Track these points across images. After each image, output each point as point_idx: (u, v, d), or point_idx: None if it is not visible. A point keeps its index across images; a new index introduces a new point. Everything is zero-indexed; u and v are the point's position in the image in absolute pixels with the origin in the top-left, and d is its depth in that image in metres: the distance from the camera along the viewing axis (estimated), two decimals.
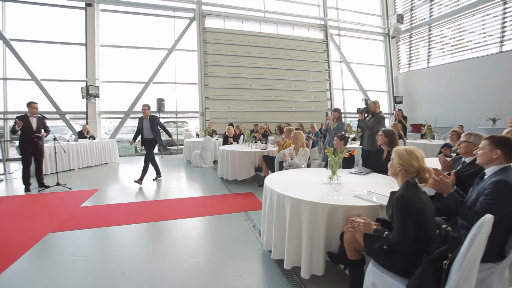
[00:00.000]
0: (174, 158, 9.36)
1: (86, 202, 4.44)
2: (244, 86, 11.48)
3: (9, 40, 9.29)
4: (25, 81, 9.47)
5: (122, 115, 10.59)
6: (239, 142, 7.13)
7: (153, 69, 10.63)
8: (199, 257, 2.69)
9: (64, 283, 2.26)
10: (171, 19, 11.05)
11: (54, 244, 3.00)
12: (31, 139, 5.11)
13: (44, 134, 5.33)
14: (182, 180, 6.25)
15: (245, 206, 4.13)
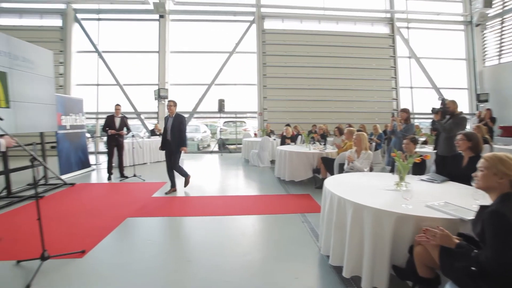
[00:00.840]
0: (233, 157, 9.77)
1: (156, 193, 4.97)
2: (302, 86, 11.34)
3: (101, 52, 10.97)
4: (111, 86, 11.08)
5: (187, 115, 11.50)
6: (297, 142, 7.07)
7: (215, 71, 11.30)
8: (255, 254, 2.76)
9: (137, 263, 2.57)
10: (232, 23, 11.56)
11: (131, 228, 3.42)
12: (114, 135, 6.01)
13: (124, 132, 6.18)
14: (240, 178, 6.48)
15: (302, 207, 4.08)
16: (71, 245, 2.85)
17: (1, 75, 4.25)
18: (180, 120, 4.74)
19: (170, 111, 4.76)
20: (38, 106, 5.04)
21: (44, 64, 5.22)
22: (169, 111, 4.77)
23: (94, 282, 2.30)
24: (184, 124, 4.81)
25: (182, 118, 4.79)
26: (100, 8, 11.16)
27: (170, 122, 4.72)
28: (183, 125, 4.77)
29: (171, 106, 4.76)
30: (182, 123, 4.75)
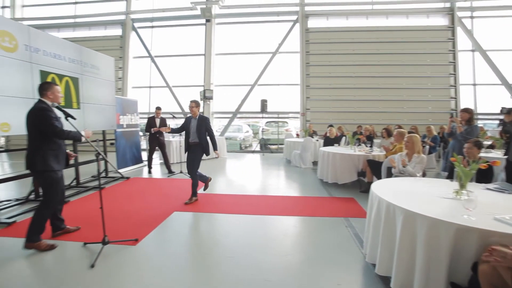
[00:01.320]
0: (274, 157, 9.79)
1: (201, 189, 5.19)
2: (347, 86, 10.89)
3: (154, 57, 11.87)
4: (162, 88, 11.91)
5: (230, 115, 11.86)
6: (341, 144, 6.82)
7: (258, 72, 11.44)
8: (296, 255, 2.73)
9: (183, 254, 2.73)
10: (275, 23, 11.58)
11: (177, 221, 3.64)
12: (155, 134, 6.62)
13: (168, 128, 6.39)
14: (281, 178, 6.46)
15: (346, 211, 3.92)
16: (126, 233, 3.14)
17: (75, 80, 4.87)
18: (205, 121, 4.35)
19: (193, 112, 4.37)
20: (101, 107, 5.65)
21: (107, 70, 5.82)
22: (191, 112, 4.38)
23: (146, 268, 2.50)
24: (210, 126, 4.46)
25: (207, 119, 4.40)
26: (154, 17, 12.08)
27: (193, 124, 4.34)
28: (210, 126, 4.42)
29: (193, 107, 4.35)
30: (208, 124, 4.37)
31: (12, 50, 3.79)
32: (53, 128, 2.67)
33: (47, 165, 2.72)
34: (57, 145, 2.81)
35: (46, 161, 2.71)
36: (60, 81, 4.56)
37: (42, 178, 2.78)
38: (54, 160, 2.77)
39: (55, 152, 2.80)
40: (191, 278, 2.33)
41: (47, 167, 2.72)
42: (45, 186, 2.81)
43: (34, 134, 2.70)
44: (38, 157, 2.69)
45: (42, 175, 2.76)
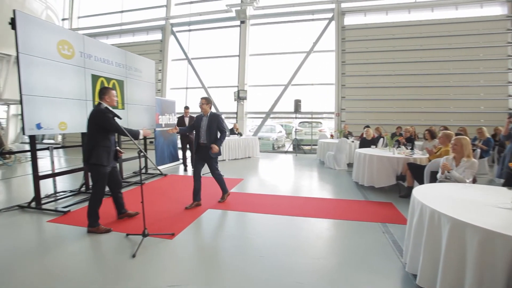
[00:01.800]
0: (307, 158, 9.63)
1: (234, 188, 5.30)
2: (386, 84, 10.33)
3: (191, 59, 12.37)
4: (198, 89, 12.36)
5: (263, 115, 11.92)
6: (378, 145, 6.49)
7: (291, 72, 11.34)
8: (330, 259, 2.65)
9: (215, 251, 2.80)
10: (310, 22, 11.38)
11: (210, 218, 3.74)
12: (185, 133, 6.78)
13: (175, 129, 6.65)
14: (314, 179, 6.34)
15: (383, 216, 3.73)
16: (164, 227, 3.31)
17: (120, 83, 5.26)
18: (217, 119, 4.06)
19: (203, 110, 4.09)
20: (143, 107, 6.03)
21: (148, 72, 6.19)
22: (201, 110, 4.11)
23: (181, 262, 2.62)
24: (223, 124, 4.15)
25: (219, 117, 4.11)
26: (191, 21, 12.57)
27: (204, 122, 4.06)
28: (222, 125, 4.12)
29: (203, 104, 4.06)
30: (220, 122, 4.08)
31: (70, 57, 4.21)
32: (115, 126, 3.13)
33: (99, 160, 3.12)
34: (110, 143, 3.21)
35: (99, 156, 3.12)
36: (108, 84, 4.95)
37: (93, 170, 3.18)
38: (105, 156, 3.17)
39: (108, 149, 3.20)
40: (223, 275, 2.39)
41: (99, 162, 3.12)
42: (94, 178, 3.22)
43: (93, 132, 3.09)
44: (94, 152, 3.10)
45: (94, 168, 3.16)
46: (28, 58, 3.61)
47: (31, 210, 3.94)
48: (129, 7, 13.55)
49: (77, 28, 13.92)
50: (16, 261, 2.56)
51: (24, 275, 2.34)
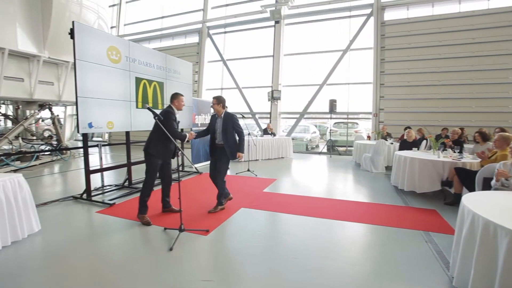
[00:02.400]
0: (342, 159, 9.33)
1: (267, 188, 5.31)
2: (430, 82, 9.60)
3: (226, 60, 12.66)
4: (232, 90, 12.61)
5: (297, 116, 11.78)
6: (420, 148, 6.07)
7: (326, 71, 11.06)
8: (366, 266, 2.54)
9: (249, 250, 2.82)
10: (347, 20, 10.99)
11: (244, 217, 3.79)
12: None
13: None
14: (349, 182, 6.12)
15: (426, 224, 3.47)
16: (199, 223, 3.44)
17: (161, 84, 5.57)
18: (232, 119, 3.84)
19: (216, 111, 3.90)
20: None
21: (186, 74, 6.46)
22: (214, 110, 3.93)
23: (214, 258, 2.69)
24: (238, 123, 3.91)
25: (233, 116, 3.88)
26: (226, 23, 12.86)
27: (219, 123, 3.87)
28: (238, 125, 3.88)
29: (214, 104, 3.86)
30: (235, 122, 3.85)
31: (117, 62, 4.56)
32: (172, 129, 3.50)
33: (156, 152, 3.47)
34: (169, 141, 3.48)
35: (157, 148, 3.48)
36: (149, 86, 5.27)
37: (147, 160, 3.52)
38: (162, 150, 3.51)
39: (165, 144, 3.52)
40: (255, 274, 2.40)
41: (155, 153, 3.47)
42: (147, 167, 3.53)
43: (159, 127, 3.34)
44: (153, 143, 3.48)
45: (148, 157, 3.50)
46: (83, 63, 3.98)
47: (83, 201, 4.34)
48: (168, 13, 14.28)
49: (123, 35, 15.01)
50: (70, 244, 2.84)
51: (76, 255, 2.61)
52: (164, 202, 3.85)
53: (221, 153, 3.86)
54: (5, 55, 5.46)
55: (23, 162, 7.49)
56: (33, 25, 6.16)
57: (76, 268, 2.46)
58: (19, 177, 3.03)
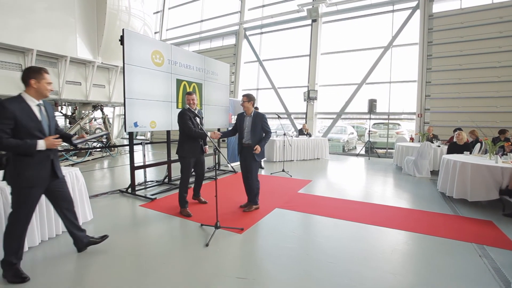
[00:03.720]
0: (382, 162, 8.85)
1: (302, 189, 5.24)
2: (487, 79, 8.64)
3: (262, 61, 12.74)
4: (268, 90, 12.66)
5: (334, 116, 11.43)
6: (474, 152, 5.51)
7: (366, 70, 10.56)
8: (408, 277, 2.38)
9: (282, 250, 2.81)
10: (389, 14, 10.38)
11: (278, 217, 3.78)
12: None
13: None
14: (389, 186, 5.78)
15: (480, 236, 3.14)
16: (234, 222, 3.51)
17: (199, 85, 5.80)
18: (261, 119, 3.79)
19: (245, 109, 3.83)
20: (218, 108, 6.49)
21: (223, 75, 6.64)
22: (243, 108, 3.86)
23: (249, 256, 2.73)
24: (268, 124, 3.86)
25: (263, 116, 3.82)
26: (263, 24, 12.94)
27: (248, 122, 3.82)
28: (267, 125, 3.84)
29: (245, 101, 3.79)
30: (265, 122, 3.80)
31: (160, 65, 4.84)
32: (187, 126, 3.71)
33: (184, 153, 3.79)
34: (193, 139, 3.78)
35: (184, 150, 3.78)
36: (189, 87, 5.51)
37: (180, 161, 3.85)
38: (189, 150, 3.79)
39: (190, 144, 3.80)
40: (289, 274, 2.38)
41: (184, 154, 3.79)
42: (181, 168, 3.85)
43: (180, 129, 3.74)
44: (179, 145, 3.81)
45: (180, 159, 3.83)
46: (130, 67, 4.30)
47: (128, 195, 4.69)
48: (207, 17, 14.79)
49: (165, 39, 15.88)
50: (116, 234, 3.09)
51: (121, 244, 2.84)
52: (195, 192, 4.24)
53: (248, 153, 3.80)
54: (67, 62, 6.11)
55: (79, 158, 8.33)
56: (90, 34, 6.82)
57: (120, 256, 2.67)
58: (76, 170, 3.37)
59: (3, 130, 2.03)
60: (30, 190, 2.20)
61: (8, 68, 5.42)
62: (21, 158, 2.15)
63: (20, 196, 2.20)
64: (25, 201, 2.21)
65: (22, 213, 2.23)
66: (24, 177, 2.16)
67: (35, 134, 2.16)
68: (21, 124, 2.09)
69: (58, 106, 8.44)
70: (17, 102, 2.13)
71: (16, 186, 2.18)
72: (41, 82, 2.20)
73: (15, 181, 2.18)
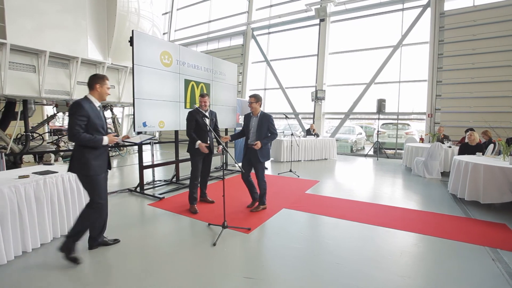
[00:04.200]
0: (390, 162, 8.73)
1: (309, 190, 5.21)
2: (502, 78, 8.41)
3: (269, 61, 12.73)
4: (275, 90, 12.63)
5: (342, 116, 11.33)
6: (486, 153, 5.38)
7: (374, 69, 10.43)
8: (418, 280, 2.33)
9: (290, 251, 2.80)
10: (399, 13, 10.22)
11: (285, 218, 3.77)
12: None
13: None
14: (398, 187, 5.69)
15: (492, 240, 3.07)
16: (241, 221, 3.51)
17: (207, 85, 5.83)
18: (268, 120, 3.80)
19: (253, 109, 3.84)
20: (225, 108, 6.51)
21: (231, 75, 6.66)
22: (251, 109, 3.87)
23: (256, 256, 2.73)
24: (274, 125, 3.87)
25: (270, 117, 3.83)
26: (270, 24, 12.92)
27: (254, 122, 3.84)
28: (273, 127, 3.84)
29: (253, 102, 3.79)
30: (271, 123, 3.81)
31: (169, 65, 4.89)
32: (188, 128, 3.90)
33: (193, 151, 3.89)
34: (202, 138, 3.85)
35: (193, 148, 3.86)
36: (197, 87, 5.55)
37: (190, 159, 3.99)
38: (192, 147, 3.86)
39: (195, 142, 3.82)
40: (296, 275, 2.37)
41: (192, 152, 3.91)
42: (191, 165, 3.99)
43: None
44: (190, 144, 3.91)
45: (190, 157, 3.99)
46: (140, 68, 4.36)
47: (137, 194, 4.75)
48: (215, 17, 14.85)
49: (174, 40, 16.03)
50: (125, 230, 3.13)
51: (130, 242, 2.87)
52: (201, 193, 4.26)
53: (254, 154, 3.78)
54: (78, 63, 6.23)
55: None
56: (100, 35, 6.93)
57: (128, 254, 2.70)
58: None
59: (80, 125, 2.38)
60: (97, 177, 2.54)
61: (22, 70, 5.56)
62: (89, 150, 2.48)
63: (91, 183, 2.53)
64: (98, 187, 2.56)
65: (99, 197, 2.58)
66: (92, 167, 2.49)
67: (100, 130, 2.54)
68: (91, 122, 2.45)
69: None
70: (87, 103, 2.48)
71: (85, 174, 2.50)
72: (103, 87, 2.59)
73: (84, 170, 2.48)
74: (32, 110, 8.08)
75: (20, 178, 2.68)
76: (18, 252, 2.54)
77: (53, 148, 7.74)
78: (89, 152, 2.48)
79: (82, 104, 2.41)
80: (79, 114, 2.38)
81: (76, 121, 2.36)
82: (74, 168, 2.52)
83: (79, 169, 2.50)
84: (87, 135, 2.41)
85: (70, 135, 2.38)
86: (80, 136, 2.38)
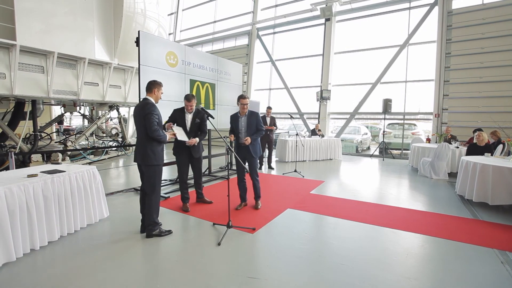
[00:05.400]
0: (396, 163, 8.64)
1: (314, 190, 5.19)
2: (509, 77, 8.27)
3: (274, 61, 12.72)
4: (280, 90, 12.62)
5: (347, 116, 11.27)
6: (495, 153, 5.30)
7: (380, 69, 10.34)
8: (424, 281, 2.31)
9: (294, 250, 2.79)
10: (405, 12, 10.11)
11: (291, 218, 3.76)
12: (266, 131, 6.83)
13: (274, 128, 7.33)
14: (403, 188, 5.63)
15: (501, 242, 3.02)
16: (246, 221, 3.52)
17: (212, 85, 5.85)
18: (256, 117, 3.94)
19: (245, 109, 3.95)
20: (230, 108, 6.52)
21: (236, 75, 6.67)
22: (242, 109, 3.96)
23: (262, 255, 2.73)
24: (262, 124, 4.01)
25: (257, 114, 4.00)
26: (275, 23, 12.91)
27: (243, 122, 3.95)
28: (261, 124, 3.98)
29: (248, 104, 3.97)
30: (259, 121, 3.96)
31: (174, 65, 4.92)
32: None
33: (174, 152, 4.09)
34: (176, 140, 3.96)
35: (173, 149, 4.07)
36: (202, 87, 5.57)
37: None
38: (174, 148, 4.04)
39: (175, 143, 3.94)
40: (300, 275, 2.37)
41: (174, 153, 4.09)
42: None
43: None
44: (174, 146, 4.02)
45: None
46: (146, 68, 4.39)
47: None
48: (220, 17, 14.90)
49: (179, 40, 16.12)
50: (131, 231, 3.16)
51: (135, 242, 2.90)
52: (196, 193, 4.34)
53: (246, 151, 3.95)
54: (86, 63, 6.32)
55: (96, 156, 8.58)
56: (107, 36, 7.02)
57: (135, 253, 2.73)
58: (94, 168, 3.48)
59: (157, 122, 2.89)
60: (160, 168, 3.06)
61: (31, 70, 5.66)
62: (157, 144, 2.97)
63: (156, 172, 3.02)
64: (160, 176, 3.10)
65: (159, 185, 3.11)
66: (160, 156, 3.01)
67: (161, 127, 2.99)
68: (160, 120, 2.96)
69: (77, 107, 8.73)
70: None
71: (153, 164, 2.96)
72: (159, 91, 3.11)
73: (153, 160, 2.95)
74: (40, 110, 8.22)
75: (29, 177, 2.73)
76: (26, 249, 2.59)
77: (61, 147, 7.86)
78: (157, 145, 2.98)
79: (155, 105, 2.95)
80: (155, 113, 2.88)
81: (154, 119, 2.85)
82: (145, 159, 2.94)
83: (149, 160, 2.93)
84: (160, 132, 2.92)
85: (151, 131, 2.84)
86: (158, 131, 2.88)
